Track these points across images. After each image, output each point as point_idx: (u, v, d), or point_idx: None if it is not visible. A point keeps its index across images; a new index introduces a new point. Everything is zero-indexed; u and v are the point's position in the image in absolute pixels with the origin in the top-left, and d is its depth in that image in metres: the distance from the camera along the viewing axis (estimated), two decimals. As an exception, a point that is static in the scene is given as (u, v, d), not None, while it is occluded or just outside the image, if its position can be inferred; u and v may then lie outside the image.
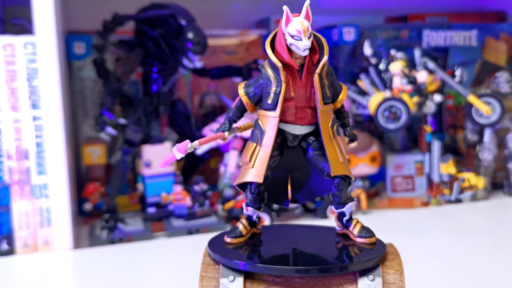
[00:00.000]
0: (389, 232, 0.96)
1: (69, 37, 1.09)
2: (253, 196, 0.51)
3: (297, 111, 0.50)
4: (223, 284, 0.46)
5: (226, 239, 0.52)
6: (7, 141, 0.90)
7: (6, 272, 0.84)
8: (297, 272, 0.46)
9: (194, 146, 0.49)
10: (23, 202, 0.91)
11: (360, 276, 0.47)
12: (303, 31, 0.47)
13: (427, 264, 0.80)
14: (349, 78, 1.23)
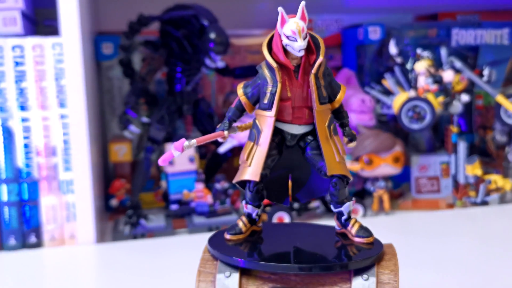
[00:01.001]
0: (411, 234, 0.96)
1: (97, 38, 1.12)
2: (252, 194, 0.52)
3: (294, 111, 0.51)
4: (219, 279, 0.48)
5: (226, 236, 0.54)
6: (36, 138, 0.94)
7: (34, 264, 0.88)
8: (291, 269, 0.46)
9: (191, 144, 0.50)
10: (51, 197, 0.95)
11: (355, 275, 0.48)
12: (298, 32, 0.48)
13: (449, 269, 0.78)
14: (374, 77, 1.22)
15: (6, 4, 0.92)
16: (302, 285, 0.48)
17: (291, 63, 0.50)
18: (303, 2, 0.49)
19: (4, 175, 0.93)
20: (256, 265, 0.48)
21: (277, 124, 0.52)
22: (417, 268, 0.78)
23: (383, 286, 0.47)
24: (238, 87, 0.52)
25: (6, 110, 0.92)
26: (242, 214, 0.55)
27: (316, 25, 1.29)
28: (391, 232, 0.98)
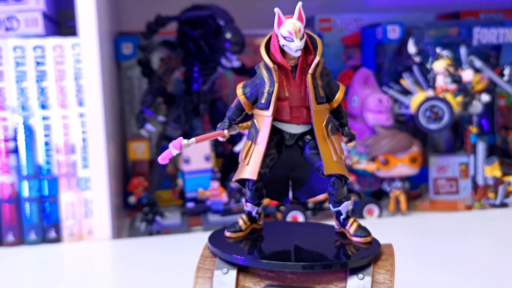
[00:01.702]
0: (428, 235, 0.95)
1: (118, 38, 1.15)
2: (251, 192, 0.53)
3: (292, 111, 0.51)
4: (216, 275, 0.48)
5: (226, 233, 0.54)
6: (56, 136, 0.96)
7: (53, 259, 0.90)
8: (286, 267, 0.47)
9: (190, 143, 0.51)
10: (70, 194, 0.97)
11: (350, 274, 0.48)
12: (295, 32, 0.48)
13: (466, 271, 0.77)
14: (393, 77, 1.21)
15: (28, 5, 0.95)
16: (298, 283, 0.48)
17: (288, 63, 0.50)
18: (300, 3, 0.49)
19: (25, 172, 0.96)
20: (254, 263, 0.48)
21: (275, 124, 0.52)
22: (433, 269, 0.77)
23: (378, 286, 0.47)
24: (237, 87, 0.53)
25: (28, 108, 0.95)
26: (243, 212, 0.56)
27: (335, 24, 1.29)
28: (407, 233, 0.98)
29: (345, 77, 1.25)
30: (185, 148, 0.51)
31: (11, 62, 0.94)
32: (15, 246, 0.96)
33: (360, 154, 1.10)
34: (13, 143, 0.96)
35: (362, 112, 1.15)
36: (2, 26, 0.95)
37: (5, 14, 0.95)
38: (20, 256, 0.91)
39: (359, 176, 1.16)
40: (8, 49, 0.94)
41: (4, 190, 0.96)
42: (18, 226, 0.96)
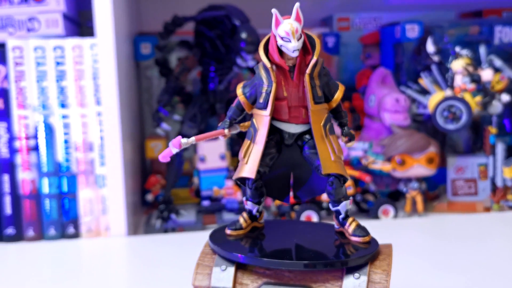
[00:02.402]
0: (445, 237, 0.93)
1: (137, 38, 1.17)
2: (251, 191, 0.54)
3: (290, 110, 0.52)
4: (215, 272, 0.49)
5: (226, 231, 0.55)
6: (75, 134, 0.99)
7: (71, 254, 0.93)
8: (285, 266, 0.47)
9: (190, 142, 0.52)
10: (88, 191, 1.00)
11: (347, 273, 0.48)
12: (292, 33, 0.49)
13: (483, 274, 0.75)
14: (412, 76, 1.20)
15: (49, 6, 0.98)
16: (295, 282, 0.49)
17: (286, 63, 0.51)
18: (297, 3, 0.50)
19: (45, 169, 0.98)
20: (253, 261, 0.49)
21: (275, 123, 0.53)
22: (449, 273, 0.76)
23: (374, 286, 0.47)
24: (237, 87, 0.54)
25: (48, 107, 0.98)
26: (243, 211, 0.56)
27: (353, 24, 1.28)
28: (423, 234, 0.97)
29: (363, 76, 1.24)
30: (184, 147, 0.52)
31: (32, 62, 0.97)
32: (35, 241, 0.99)
33: (376, 154, 1.09)
34: (34, 141, 0.98)
35: (379, 112, 1.14)
36: (23, 27, 0.98)
37: (27, 15, 0.98)
38: (40, 251, 0.94)
39: (376, 176, 1.15)
40: (29, 50, 0.97)
41: (25, 186, 0.99)
42: (38, 222, 0.99)
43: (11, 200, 0.99)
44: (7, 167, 0.98)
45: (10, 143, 0.98)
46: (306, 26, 1.34)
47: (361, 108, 1.21)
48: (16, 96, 0.97)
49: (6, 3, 0.97)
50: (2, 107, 0.98)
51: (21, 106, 0.98)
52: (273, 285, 0.48)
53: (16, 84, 0.97)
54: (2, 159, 0.98)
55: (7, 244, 0.98)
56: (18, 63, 0.97)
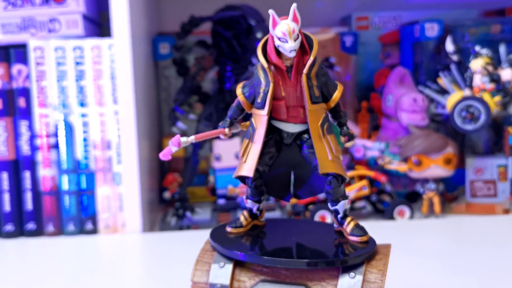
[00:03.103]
0: (462, 239, 0.92)
1: (156, 38, 1.18)
2: (251, 189, 0.54)
3: (289, 110, 0.52)
4: (213, 269, 0.50)
5: (227, 228, 0.56)
6: (93, 133, 1.01)
7: (88, 249, 0.95)
8: (284, 264, 0.48)
9: (190, 140, 0.53)
10: (106, 188, 1.02)
11: (343, 272, 0.48)
12: (289, 33, 0.49)
13: (501, 278, 0.74)
14: (432, 75, 1.18)
15: (69, 8, 1.00)
16: (291, 279, 0.49)
17: (283, 64, 0.51)
18: (294, 4, 0.50)
19: (65, 166, 1.01)
20: (251, 258, 0.50)
21: (274, 123, 0.53)
22: (465, 275, 0.75)
23: (369, 285, 0.47)
24: (237, 87, 0.54)
25: (67, 106, 1.00)
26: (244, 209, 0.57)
27: (372, 23, 1.28)
28: (439, 236, 0.95)
29: (382, 76, 1.23)
30: (184, 145, 0.53)
31: (53, 62, 1.00)
32: (55, 236, 1.01)
33: (393, 155, 1.09)
34: (54, 139, 1.01)
35: (396, 112, 1.13)
36: (45, 28, 1.01)
37: (48, 17, 1.01)
38: (59, 246, 0.97)
39: (393, 177, 1.14)
40: (50, 50, 0.99)
41: (45, 183, 1.01)
42: (58, 218, 1.02)
43: (32, 196, 1.02)
44: (29, 164, 1.01)
45: (32, 140, 1.01)
46: (325, 25, 1.34)
47: (379, 108, 1.20)
48: (37, 95, 1.00)
49: (28, 4, 1.00)
50: (24, 105, 1.01)
51: (42, 105, 1.00)
52: (270, 283, 0.49)
53: (37, 84, 1.00)
54: (23, 156, 1.01)
55: (28, 238, 1.01)
56: (39, 63, 0.99)
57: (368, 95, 1.25)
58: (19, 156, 1.01)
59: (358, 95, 1.28)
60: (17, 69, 1.00)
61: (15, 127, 1.01)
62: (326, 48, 1.22)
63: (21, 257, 0.93)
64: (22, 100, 1.00)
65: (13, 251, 0.95)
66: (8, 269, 0.85)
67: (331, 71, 1.14)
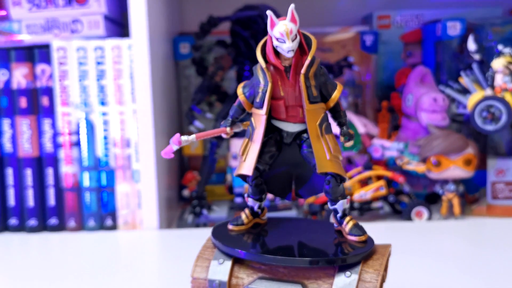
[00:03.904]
0: (482, 242, 0.90)
1: (176, 38, 1.20)
2: (252, 187, 0.55)
3: (288, 110, 0.53)
4: (212, 265, 0.51)
5: (229, 226, 0.57)
6: (113, 131, 1.03)
7: (108, 245, 0.97)
8: (274, 261, 0.48)
9: (190, 139, 0.54)
10: (125, 185, 1.04)
11: (339, 271, 0.48)
12: (286, 34, 0.49)
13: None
14: (454, 75, 1.16)
15: (91, 9, 1.03)
16: (288, 277, 0.49)
17: (281, 64, 0.51)
18: (292, 5, 0.50)
19: (86, 163, 1.04)
20: (250, 256, 0.50)
21: (274, 122, 0.54)
22: (485, 280, 0.73)
23: (364, 284, 0.47)
24: (238, 87, 0.55)
25: (89, 105, 1.03)
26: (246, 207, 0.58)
27: (394, 21, 1.26)
28: (457, 238, 0.94)
29: (403, 75, 1.22)
30: (185, 144, 0.54)
31: (75, 62, 1.02)
32: (76, 231, 1.04)
33: (413, 155, 1.07)
34: (76, 137, 1.04)
35: (416, 112, 1.12)
36: (67, 28, 1.04)
37: (70, 18, 1.03)
38: (80, 241, 0.99)
39: (413, 177, 1.13)
40: (72, 50, 1.02)
41: (67, 179, 1.04)
42: (79, 213, 1.05)
43: (54, 192, 1.05)
44: (52, 161, 1.04)
45: (54, 138, 1.04)
46: (347, 24, 1.33)
47: (400, 108, 1.19)
48: (60, 94, 1.03)
49: (52, 6, 1.03)
50: (47, 104, 1.04)
51: (65, 104, 1.03)
52: (267, 280, 0.49)
53: (60, 83, 1.03)
54: (47, 153, 1.04)
55: (50, 233, 1.04)
56: (62, 63, 1.02)
57: (389, 95, 1.24)
58: (43, 153, 1.04)
59: (379, 94, 1.27)
60: (41, 68, 1.03)
61: (38, 125, 1.04)
62: (346, 47, 1.22)
63: (44, 251, 0.96)
64: (45, 99, 1.04)
65: (36, 245, 0.98)
66: (32, 263, 0.88)
67: (350, 71, 1.13)
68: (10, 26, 1.04)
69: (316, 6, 1.32)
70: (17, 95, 1.03)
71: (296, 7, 1.15)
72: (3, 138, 1.04)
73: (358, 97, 1.24)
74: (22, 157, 1.04)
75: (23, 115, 1.03)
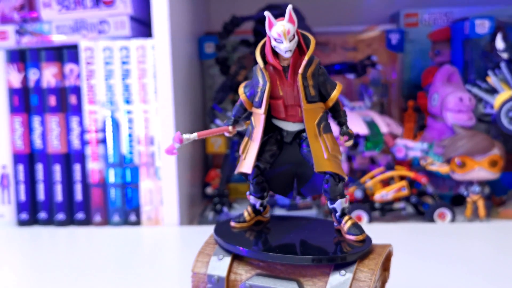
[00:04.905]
0: (506, 246, 0.88)
1: (201, 38, 1.22)
2: (253, 185, 0.56)
3: (287, 109, 0.53)
4: (212, 261, 0.52)
5: (231, 223, 0.57)
6: (137, 129, 1.06)
7: (132, 240, 1.00)
8: (271, 258, 0.49)
9: (192, 137, 0.55)
10: (148, 182, 1.07)
11: (334, 270, 0.48)
12: (284, 34, 0.50)
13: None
14: (482, 74, 1.14)
15: (117, 10, 1.06)
16: (285, 275, 0.50)
17: (281, 64, 0.52)
18: (290, 5, 0.51)
19: (111, 160, 1.07)
20: (247, 253, 0.51)
21: (274, 121, 0.55)
22: (510, 286, 0.72)
23: (358, 283, 0.47)
24: (240, 87, 0.56)
25: (114, 103, 1.06)
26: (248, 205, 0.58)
27: (422, 19, 1.24)
28: (480, 241, 0.92)
29: (430, 74, 1.20)
30: (186, 142, 0.55)
31: (101, 62, 1.05)
32: (102, 226, 1.07)
33: (438, 155, 1.06)
34: (102, 134, 1.07)
35: (441, 111, 1.10)
36: (95, 29, 1.07)
37: (98, 19, 1.06)
38: (105, 235, 1.02)
39: (438, 178, 1.11)
40: (99, 50, 1.05)
41: (93, 175, 1.08)
42: (104, 209, 1.08)
43: (81, 188, 1.08)
44: (79, 157, 1.08)
45: (82, 135, 1.08)
46: (374, 22, 1.32)
47: (426, 107, 1.17)
48: (87, 93, 1.06)
49: (80, 7, 1.07)
50: (75, 102, 1.07)
51: (91, 102, 1.06)
52: (265, 277, 0.50)
53: (87, 82, 1.06)
54: (74, 150, 1.08)
55: (77, 227, 1.07)
56: (89, 62, 1.06)
57: (416, 94, 1.22)
58: (70, 150, 1.08)
59: (405, 94, 1.25)
60: (69, 68, 1.07)
61: (67, 123, 1.08)
62: (371, 46, 1.20)
63: (71, 244, 0.99)
64: (73, 97, 1.07)
65: (64, 238, 1.02)
66: (59, 255, 0.91)
67: (374, 70, 1.12)
68: (40, 27, 1.08)
69: (344, 4, 1.31)
70: (47, 93, 1.07)
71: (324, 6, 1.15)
72: (34, 135, 1.08)
73: (384, 97, 1.22)
74: (51, 154, 1.08)
75: (53, 113, 1.07)
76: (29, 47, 1.08)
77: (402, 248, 0.88)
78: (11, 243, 1.00)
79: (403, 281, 0.72)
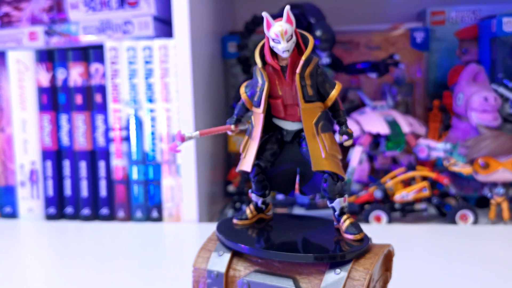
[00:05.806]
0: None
1: (224, 38, 1.23)
2: (254, 184, 0.56)
3: (286, 108, 0.53)
4: (212, 256, 0.53)
5: (234, 220, 0.58)
6: (160, 127, 1.08)
7: (154, 235, 1.02)
8: (267, 255, 0.49)
9: (194, 135, 0.56)
10: (170, 179, 1.09)
11: (330, 268, 0.48)
12: (281, 35, 0.50)
13: None
14: (509, 72, 1.11)
15: (141, 11, 1.08)
16: (282, 272, 0.50)
17: (279, 64, 0.52)
18: (287, 6, 0.51)
19: (135, 157, 1.09)
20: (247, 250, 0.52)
21: (274, 120, 0.55)
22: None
23: (352, 282, 0.47)
24: (241, 87, 0.57)
25: (137, 102, 1.08)
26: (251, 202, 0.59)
27: (449, 17, 1.22)
28: (503, 244, 0.89)
29: (456, 73, 1.18)
30: (188, 140, 0.56)
31: (125, 61, 1.08)
32: (125, 221, 1.10)
33: (462, 156, 1.04)
34: (126, 132, 1.10)
35: (466, 111, 1.07)
36: (120, 29, 1.10)
37: (122, 19, 1.09)
38: (128, 231, 1.05)
39: (463, 180, 1.09)
40: (123, 50, 1.08)
41: (118, 172, 1.10)
42: (128, 205, 1.10)
43: (106, 184, 1.11)
44: (104, 154, 1.11)
45: (106, 133, 1.10)
46: (401, 20, 1.30)
47: (451, 107, 1.15)
48: (112, 92, 1.09)
49: (106, 8, 1.10)
50: (100, 101, 1.10)
51: (116, 101, 1.09)
52: (262, 274, 0.51)
53: (112, 81, 1.09)
54: (99, 147, 1.11)
55: (102, 222, 1.10)
56: (113, 62, 1.08)
57: (441, 93, 1.20)
58: (96, 147, 1.11)
59: (431, 93, 1.23)
60: (95, 67, 1.10)
61: (92, 121, 1.11)
62: (395, 45, 1.19)
63: (96, 238, 1.02)
64: (98, 96, 1.10)
65: (89, 233, 1.05)
66: (85, 249, 0.94)
67: (396, 69, 1.11)
68: (68, 28, 1.11)
69: (370, 2, 1.30)
70: (73, 92, 1.10)
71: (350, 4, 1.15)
72: (62, 132, 1.12)
73: (408, 96, 1.21)
74: (78, 150, 1.11)
75: (79, 111, 1.10)
76: (57, 47, 1.12)
77: (421, 249, 0.87)
78: (39, 236, 1.04)
79: (424, 283, 0.71)
